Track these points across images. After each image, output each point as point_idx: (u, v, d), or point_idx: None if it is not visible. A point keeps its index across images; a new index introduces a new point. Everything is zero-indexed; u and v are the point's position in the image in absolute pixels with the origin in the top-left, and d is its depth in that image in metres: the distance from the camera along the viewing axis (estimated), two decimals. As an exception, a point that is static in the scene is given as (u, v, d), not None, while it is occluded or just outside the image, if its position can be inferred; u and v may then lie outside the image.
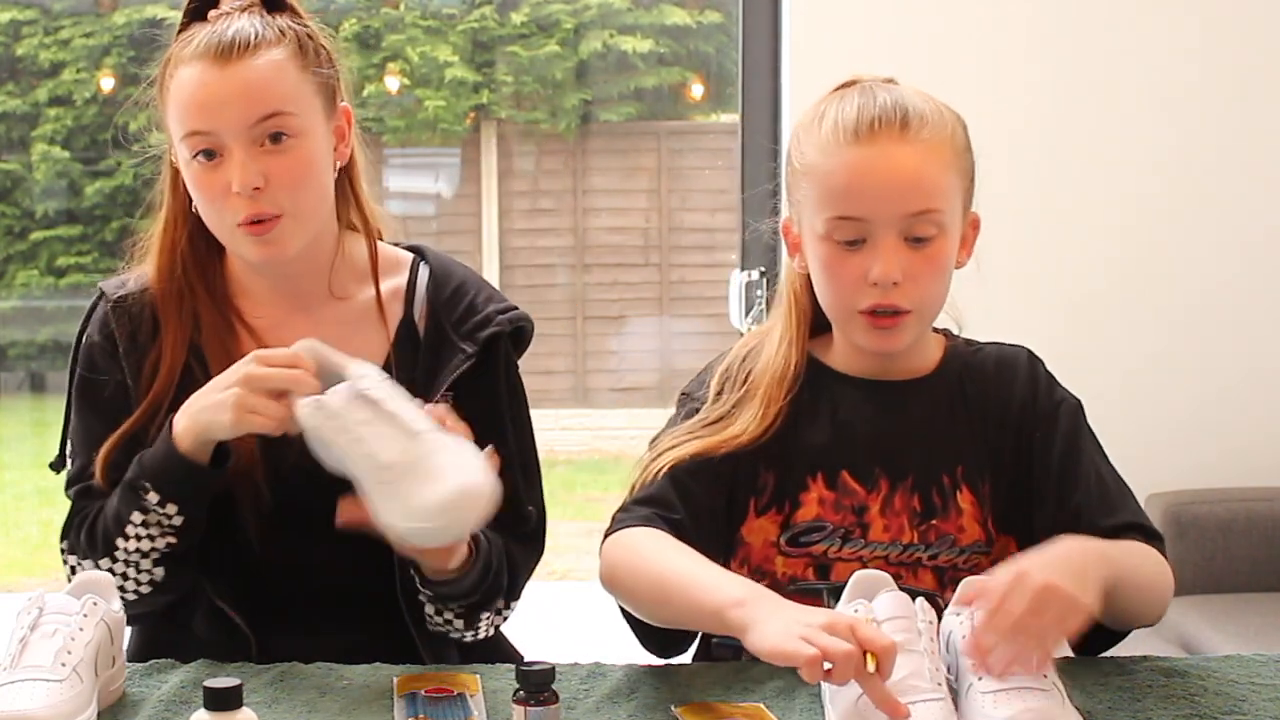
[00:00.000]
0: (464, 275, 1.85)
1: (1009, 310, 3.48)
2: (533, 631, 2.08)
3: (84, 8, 7.08)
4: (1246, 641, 2.96)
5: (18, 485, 7.18)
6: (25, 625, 1.46)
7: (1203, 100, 3.52)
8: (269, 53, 1.71)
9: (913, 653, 1.40)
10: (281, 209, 1.70)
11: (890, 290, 1.60)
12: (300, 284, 1.80)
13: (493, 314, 1.80)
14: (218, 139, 1.69)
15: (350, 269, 1.82)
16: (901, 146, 1.60)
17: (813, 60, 3.43)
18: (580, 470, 7.46)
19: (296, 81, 1.72)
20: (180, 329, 1.78)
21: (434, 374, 1.77)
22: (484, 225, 7.24)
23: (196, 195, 1.74)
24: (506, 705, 1.43)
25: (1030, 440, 1.68)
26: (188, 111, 1.70)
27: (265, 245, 1.71)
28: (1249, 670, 1.60)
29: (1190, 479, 3.50)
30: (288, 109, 1.70)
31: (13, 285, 7.17)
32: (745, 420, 1.68)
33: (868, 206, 1.60)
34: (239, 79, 1.69)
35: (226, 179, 1.69)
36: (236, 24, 1.71)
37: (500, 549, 1.74)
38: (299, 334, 1.76)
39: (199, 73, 1.70)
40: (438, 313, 1.80)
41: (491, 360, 1.80)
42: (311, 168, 1.73)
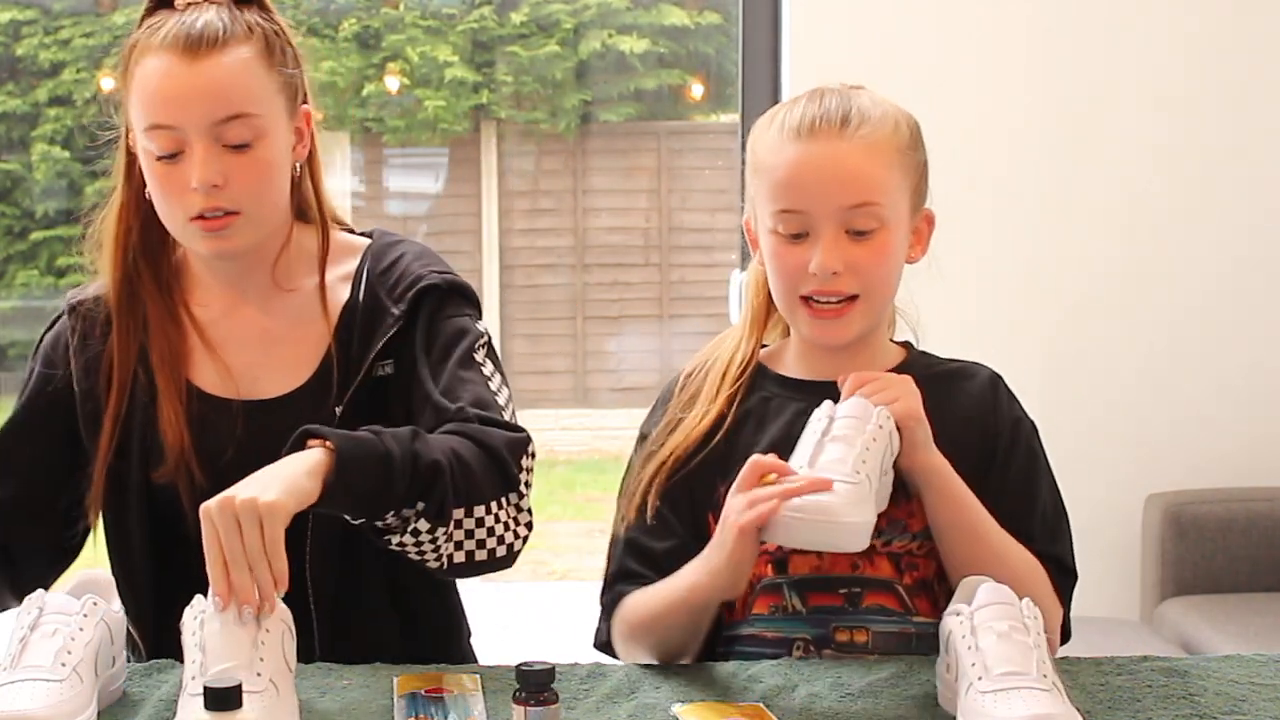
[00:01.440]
0: (405, 248, 1.82)
1: (1009, 311, 3.50)
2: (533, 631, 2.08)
3: (84, 8, 7.09)
4: (1246, 641, 2.96)
5: (18, 485, 7.16)
6: (25, 625, 1.46)
7: (1201, 100, 3.52)
8: (237, 50, 1.69)
9: (847, 443, 1.55)
10: (239, 207, 1.70)
11: (831, 280, 1.65)
12: (248, 276, 1.79)
13: (424, 273, 1.77)
14: (180, 134, 1.68)
15: (300, 259, 1.81)
16: (839, 143, 1.66)
17: (813, 60, 3.43)
18: (580, 470, 7.47)
19: (262, 81, 1.71)
20: (130, 323, 1.77)
21: (366, 341, 1.75)
22: (484, 225, 7.24)
23: (154, 186, 1.72)
24: (506, 705, 1.43)
25: (990, 450, 1.70)
26: (152, 104, 1.68)
27: (217, 240, 1.71)
28: (1249, 670, 1.60)
29: (1190, 479, 3.50)
30: (251, 110, 1.69)
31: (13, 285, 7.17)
32: (691, 420, 1.73)
33: (808, 200, 1.65)
34: (206, 76, 1.67)
35: (186, 174, 1.68)
36: (205, 16, 1.69)
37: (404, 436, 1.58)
38: (244, 325, 1.78)
39: (166, 65, 1.67)
40: (373, 285, 1.78)
41: (421, 315, 1.76)
42: (271, 169, 1.72)
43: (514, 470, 1.65)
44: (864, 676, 1.57)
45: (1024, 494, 1.70)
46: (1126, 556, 3.51)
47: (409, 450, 1.57)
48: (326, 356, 1.75)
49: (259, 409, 1.75)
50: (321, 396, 1.74)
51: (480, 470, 1.62)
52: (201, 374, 1.78)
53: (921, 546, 1.67)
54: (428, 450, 1.58)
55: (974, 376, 1.75)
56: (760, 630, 1.68)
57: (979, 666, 1.41)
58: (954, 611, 1.50)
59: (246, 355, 1.78)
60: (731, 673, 1.60)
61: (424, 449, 1.58)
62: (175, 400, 1.75)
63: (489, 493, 1.63)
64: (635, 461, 1.77)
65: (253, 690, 1.37)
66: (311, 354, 1.77)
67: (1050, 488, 1.73)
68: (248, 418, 1.74)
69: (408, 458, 1.56)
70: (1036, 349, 3.49)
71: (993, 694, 1.38)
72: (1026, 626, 1.44)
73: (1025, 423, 1.74)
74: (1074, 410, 3.44)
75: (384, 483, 1.55)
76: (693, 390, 1.77)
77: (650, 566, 1.70)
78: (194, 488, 1.71)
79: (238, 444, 1.72)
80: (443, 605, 1.89)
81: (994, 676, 1.39)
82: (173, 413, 1.74)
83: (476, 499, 1.62)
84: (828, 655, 1.65)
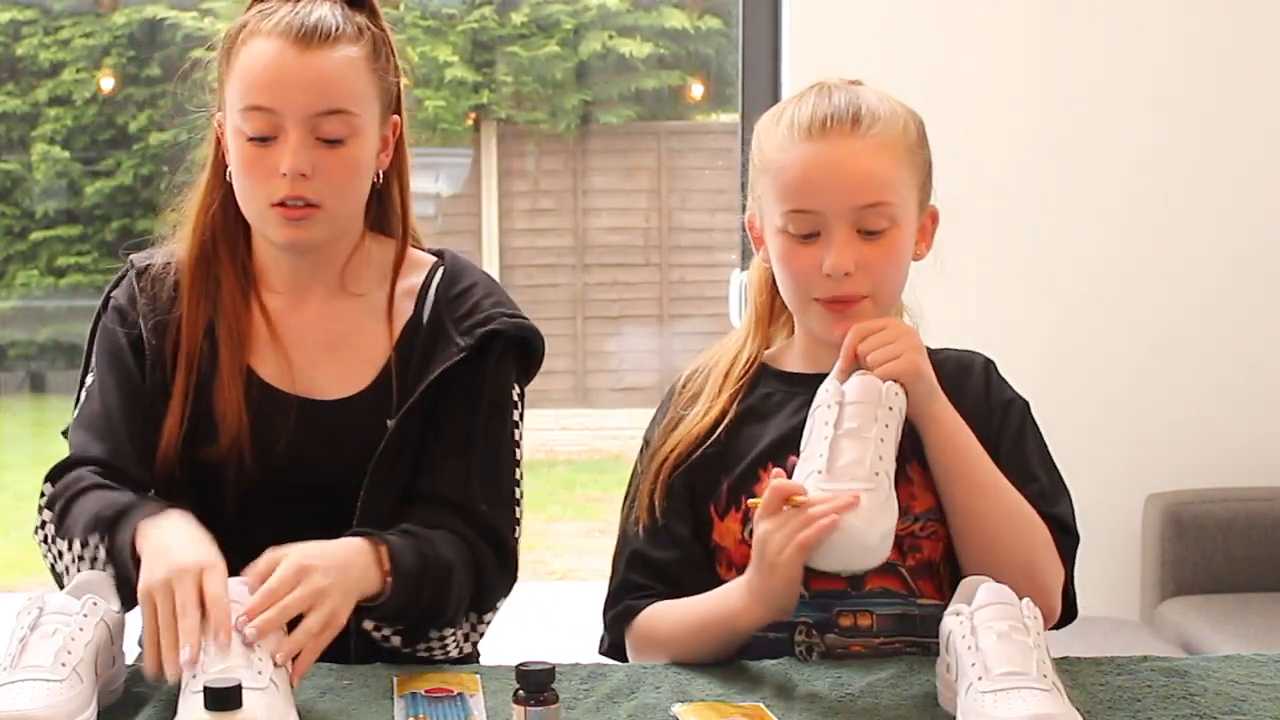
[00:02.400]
0: (478, 278, 1.85)
1: (1009, 310, 3.49)
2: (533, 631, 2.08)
3: (84, 8, 7.08)
4: (1246, 641, 2.96)
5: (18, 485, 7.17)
6: (25, 625, 1.46)
7: (1201, 100, 3.52)
8: (346, 48, 1.72)
9: (862, 439, 1.55)
10: (321, 200, 1.72)
11: (843, 281, 1.65)
12: (317, 274, 1.81)
13: (496, 314, 1.79)
14: (278, 119, 1.70)
15: (370, 267, 1.83)
16: (852, 142, 1.65)
17: (813, 60, 3.43)
18: (580, 470, 7.46)
19: (365, 82, 1.74)
20: (202, 297, 1.79)
21: (426, 364, 1.77)
22: (484, 225, 7.23)
23: (238, 167, 1.74)
24: (506, 705, 1.43)
25: (984, 432, 1.70)
26: (256, 85, 1.70)
27: (294, 229, 1.73)
28: (1249, 670, 1.60)
29: (1190, 479, 3.50)
30: (350, 107, 1.72)
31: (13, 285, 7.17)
32: (694, 416, 1.74)
33: (820, 200, 1.65)
34: (314, 67, 1.70)
35: (275, 159, 1.70)
36: (320, 10, 1.72)
37: (443, 568, 1.69)
38: (308, 321, 1.79)
39: (276, 49, 1.70)
40: (440, 307, 1.80)
41: (483, 360, 1.78)
42: (358, 168, 1.75)
43: (489, 606, 1.77)
44: (864, 676, 1.57)
45: (1018, 466, 1.70)
46: (1126, 556, 3.51)
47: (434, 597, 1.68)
48: (386, 368, 1.77)
49: (313, 408, 1.77)
50: (377, 407, 1.76)
51: (468, 605, 1.74)
52: (263, 362, 1.79)
53: (925, 528, 1.67)
54: (445, 599, 1.69)
55: (969, 368, 1.76)
56: None
57: (979, 666, 1.41)
58: (954, 611, 1.50)
59: (307, 352, 1.80)
60: (732, 673, 1.60)
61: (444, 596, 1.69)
62: (237, 381, 1.76)
63: (462, 620, 1.75)
64: (639, 465, 1.78)
65: (254, 687, 1.37)
66: (371, 362, 1.79)
67: (1044, 458, 1.73)
68: (301, 414, 1.76)
69: (429, 602, 1.68)
70: (1036, 349, 3.49)
71: (993, 694, 1.38)
72: (1026, 626, 1.44)
73: (1016, 402, 1.75)
74: (1074, 410, 3.44)
75: (399, 615, 1.67)
76: (694, 390, 1.77)
77: (656, 579, 1.71)
78: (242, 471, 1.74)
79: (289, 437, 1.74)
80: None
81: (994, 676, 1.39)
82: (234, 393, 1.75)
83: (451, 626, 1.74)
84: (830, 639, 1.65)
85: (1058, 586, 1.66)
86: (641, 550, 1.73)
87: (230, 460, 1.74)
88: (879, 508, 1.53)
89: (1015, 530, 1.62)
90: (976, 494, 1.64)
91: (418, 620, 1.69)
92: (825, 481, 1.54)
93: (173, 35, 6.89)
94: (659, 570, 1.71)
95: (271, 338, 1.79)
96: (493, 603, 1.77)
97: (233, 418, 1.74)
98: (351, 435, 1.75)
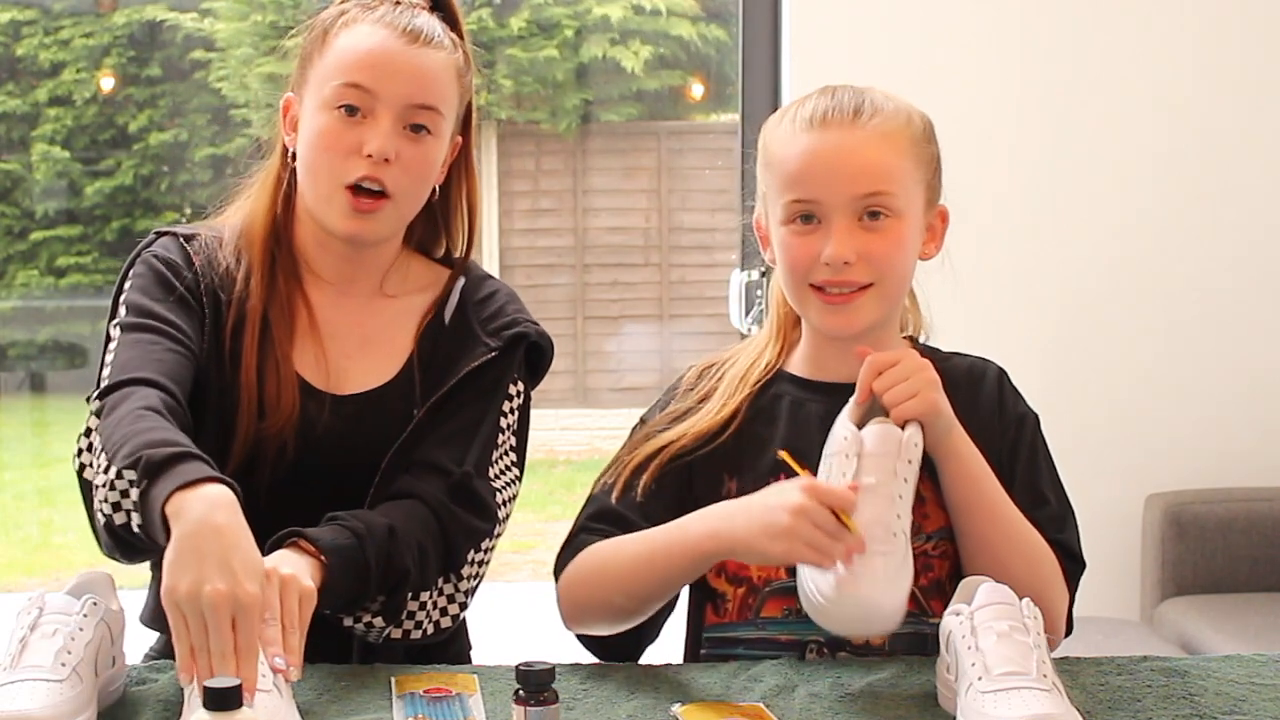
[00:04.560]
0: (500, 287, 1.89)
1: (1009, 310, 3.50)
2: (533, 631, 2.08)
3: (84, 8, 7.09)
4: (1246, 641, 2.96)
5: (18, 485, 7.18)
6: (25, 625, 1.46)
7: (1202, 100, 3.52)
8: (445, 54, 1.78)
9: (881, 496, 1.51)
10: (396, 190, 1.75)
11: (843, 269, 1.64)
12: (360, 272, 1.83)
13: (520, 319, 1.84)
14: (371, 101, 1.73)
15: (406, 277, 1.86)
16: (853, 132, 1.66)
17: (813, 60, 3.43)
18: (580, 470, 7.46)
19: (453, 89, 1.79)
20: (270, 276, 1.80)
21: (454, 361, 1.80)
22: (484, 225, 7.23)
23: (315, 143, 1.75)
24: (506, 705, 1.43)
25: (997, 447, 1.70)
26: (357, 63, 1.73)
27: (360, 220, 1.75)
28: (1249, 670, 1.60)
29: (1190, 479, 3.50)
30: (441, 108, 1.77)
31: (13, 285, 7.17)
32: (705, 411, 1.73)
33: (820, 189, 1.65)
34: (416, 60, 1.75)
35: (360, 138, 1.73)
36: (424, 18, 1.79)
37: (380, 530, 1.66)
38: (346, 317, 1.82)
39: (383, 36, 1.75)
40: (467, 309, 1.84)
41: (505, 361, 1.82)
42: (433, 167, 1.79)
43: (462, 559, 1.73)
44: (864, 676, 1.57)
45: (1029, 488, 1.70)
46: (1126, 556, 3.51)
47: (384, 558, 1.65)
48: (408, 364, 1.80)
49: (344, 401, 1.79)
50: (400, 397, 1.80)
51: (435, 561, 1.71)
52: (301, 353, 1.80)
53: (936, 547, 1.66)
54: (400, 558, 1.67)
55: (982, 377, 1.75)
56: (773, 634, 1.67)
57: (979, 666, 1.41)
58: (954, 611, 1.50)
59: (341, 346, 1.82)
60: (731, 673, 1.60)
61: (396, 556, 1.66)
62: (291, 369, 1.78)
63: (434, 580, 1.72)
64: (629, 442, 1.77)
65: (260, 689, 1.38)
66: (395, 356, 1.82)
67: (1054, 480, 1.73)
68: (334, 407, 1.78)
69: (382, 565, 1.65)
70: (1037, 349, 3.49)
71: (992, 694, 1.38)
72: (1026, 626, 1.44)
73: (1029, 417, 1.74)
74: (1074, 410, 3.44)
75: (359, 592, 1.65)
76: (707, 388, 1.76)
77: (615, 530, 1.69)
78: (283, 456, 1.75)
79: (324, 427, 1.76)
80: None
81: (994, 676, 1.39)
82: (289, 379, 1.77)
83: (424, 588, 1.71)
84: (842, 658, 1.65)
85: (1063, 612, 1.66)
86: (614, 509, 1.71)
87: (271, 444, 1.75)
88: (895, 570, 1.51)
89: (1025, 562, 1.62)
90: (989, 525, 1.63)
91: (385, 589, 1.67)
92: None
93: (173, 35, 6.90)
94: (621, 523, 1.69)
95: (311, 329, 1.81)
96: (465, 556, 1.73)
97: (286, 402, 1.76)
98: (376, 424, 1.78)
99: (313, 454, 1.76)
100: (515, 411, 1.83)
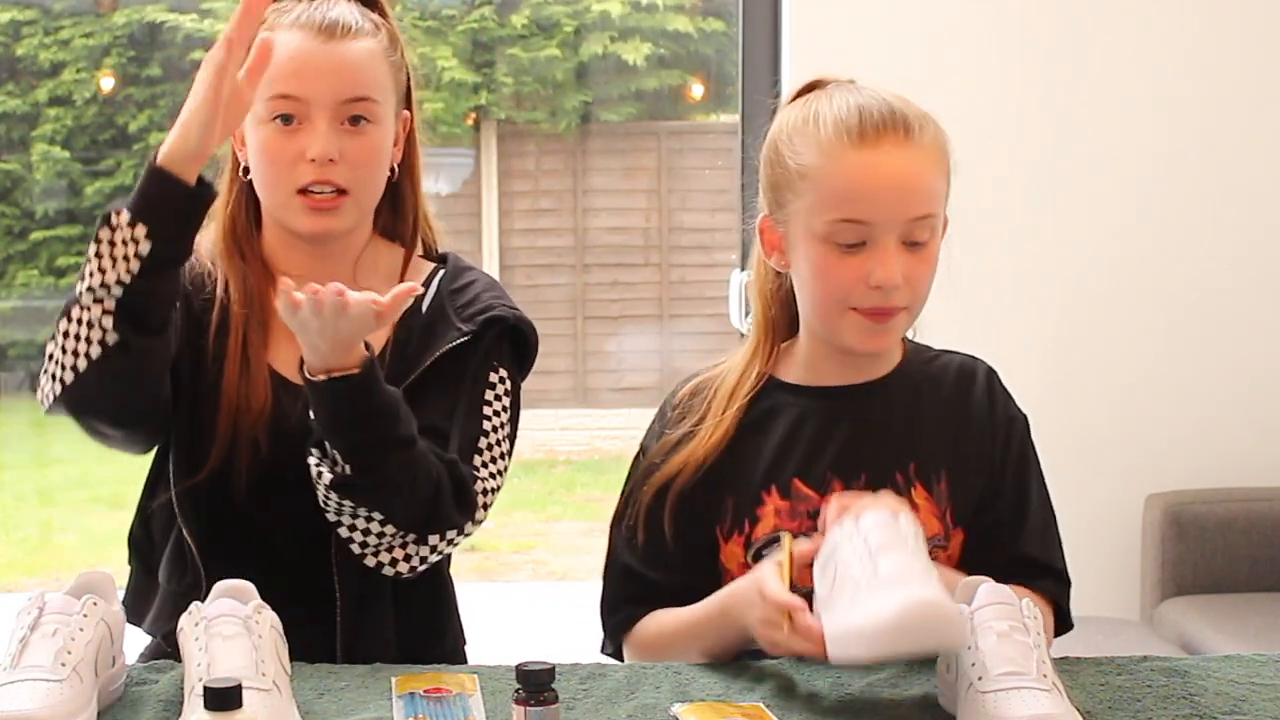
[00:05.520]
0: (479, 276, 1.88)
1: (1009, 310, 3.49)
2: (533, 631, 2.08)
3: (84, 8, 7.09)
4: (1246, 641, 2.96)
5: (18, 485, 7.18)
6: (25, 625, 1.46)
7: (1202, 100, 3.52)
8: (367, 41, 1.77)
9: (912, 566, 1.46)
10: (350, 186, 1.75)
11: (890, 292, 1.61)
12: (330, 268, 1.82)
13: (495, 304, 1.83)
14: (304, 107, 1.73)
15: (376, 269, 1.85)
16: (905, 151, 1.60)
17: (813, 60, 3.43)
18: (580, 470, 7.47)
19: (384, 73, 1.78)
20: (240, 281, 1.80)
21: (427, 345, 1.79)
22: (484, 225, 7.24)
23: (261, 158, 1.76)
24: (506, 705, 1.43)
25: (988, 450, 1.69)
26: (281, 73, 1.72)
27: (320, 217, 1.76)
28: (1249, 670, 1.60)
29: (1190, 479, 3.50)
30: (374, 95, 1.76)
31: (13, 285, 7.18)
32: (700, 438, 1.70)
33: (872, 210, 1.60)
34: (339, 55, 1.74)
35: (301, 145, 1.73)
36: (338, 8, 1.77)
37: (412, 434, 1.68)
38: None
39: (300, 40, 1.74)
40: (443, 297, 1.84)
41: (477, 344, 1.80)
42: (381, 155, 1.79)
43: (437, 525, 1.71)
44: (864, 676, 1.57)
45: (1018, 496, 1.70)
46: (1126, 556, 3.51)
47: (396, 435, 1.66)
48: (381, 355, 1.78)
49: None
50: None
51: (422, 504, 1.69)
52: (277, 354, 1.81)
53: (931, 554, 1.66)
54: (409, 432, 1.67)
55: (972, 376, 1.74)
56: None
57: (979, 666, 1.41)
58: (954, 611, 1.50)
59: None
60: (731, 673, 1.60)
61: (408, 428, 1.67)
62: (265, 367, 1.79)
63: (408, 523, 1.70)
64: (635, 476, 1.74)
65: (260, 689, 1.38)
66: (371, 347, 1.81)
67: (1040, 488, 1.73)
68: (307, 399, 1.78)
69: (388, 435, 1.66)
70: (1037, 349, 3.49)
71: (992, 694, 1.38)
72: (1026, 626, 1.44)
73: (1019, 421, 1.73)
74: (1074, 410, 3.44)
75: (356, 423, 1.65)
76: (699, 412, 1.73)
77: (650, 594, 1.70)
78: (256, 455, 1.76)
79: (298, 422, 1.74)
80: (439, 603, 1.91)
81: (993, 676, 1.39)
82: (263, 378, 1.78)
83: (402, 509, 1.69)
84: None
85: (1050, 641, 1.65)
86: (636, 568, 1.72)
87: (245, 442, 1.76)
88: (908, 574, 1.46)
89: None
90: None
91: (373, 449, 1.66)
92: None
93: (173, 36, 6.90)
94: (653, 588, 1.71)
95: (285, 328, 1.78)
96: (440, 528, 1.72)
97: (258, 400, 1.76)
98: None
99: (287, 448, 1.74)
100: (503, 399, 1.81)
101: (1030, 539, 1.68)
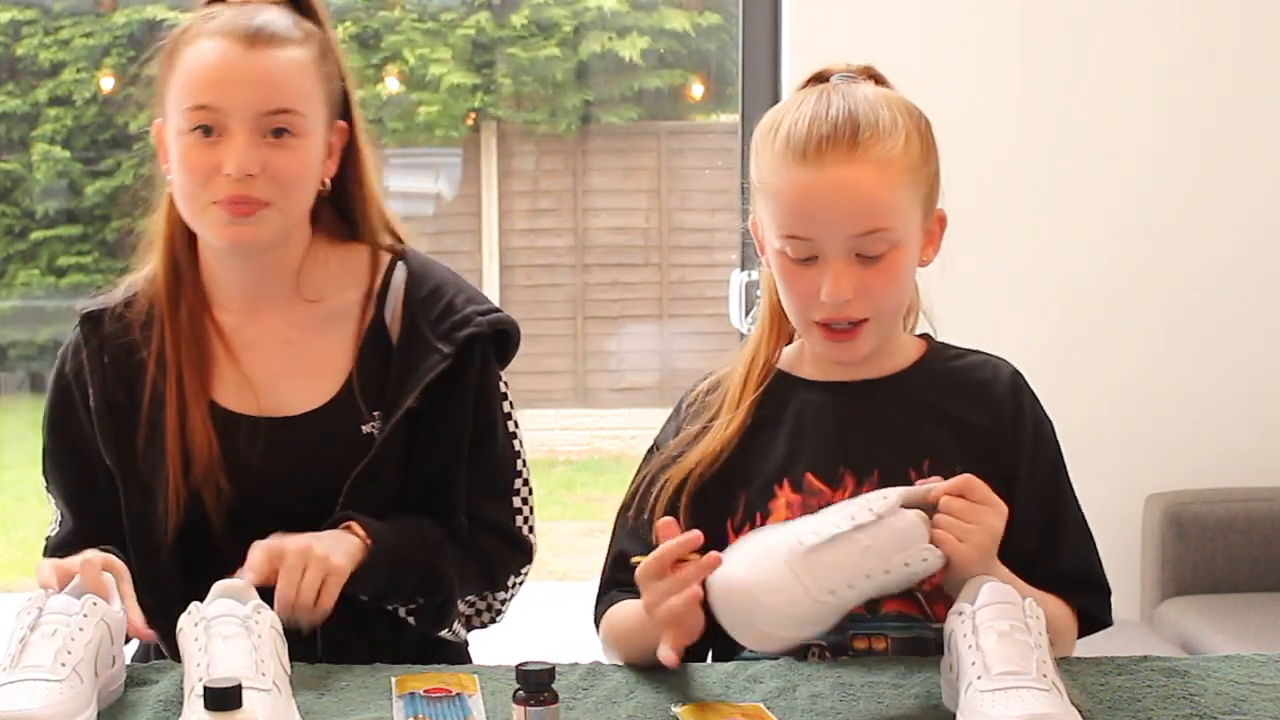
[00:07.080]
0: (442, 275, 1.82)
1: (1009, 310, 3.49)
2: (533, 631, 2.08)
3: (84, 8, 7.08)
4: (1246, 641, 2.96)
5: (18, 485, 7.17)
6: (25, 625, 1.46)
7: (1203, 100, 3.52)
8: (293, 50, 1.70)
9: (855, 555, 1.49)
10: (271, 199, 1.69)
11: (842, 306, 1.61)
12: (269, 283, 1.78)
13: (472, 314, 1.78)
14: (223, 117, 1.67)
15: (325, 273, 1.80)
16: (848, 168, 1.59)
17: (813, 60, 3.41)
18: (580, 470, 7.46)
19: (312, 84, 1.72)
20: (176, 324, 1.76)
21: (408, 374, 1.75)
22: (484, 225, 7.23)
23: (179, 169, 1.71)
24: (506, 705, 1.43)
25: (1011, 456, 1.68)
26: (200, 84, 1.68)
27: (238, 227, 1.70)
28: (1249, 670, 1.60)
29: (1190, 479, 3.50)
30: (299, 108, 1.70)
31: (13, 285, 7.17)
32: (714, 432, 1.70)
33: (815, 228, 1.60)
34: (260, 65, 1.68)
35: (219, 158, 1.67)
36: (267, 14, 1.71)
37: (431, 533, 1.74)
38: (266, 333, 1.77)
39: (221, 48, 1.68)
40: (413, 312, 1.78)
41: (467, 363, 1.77)
42: (305, 168, 1.72)
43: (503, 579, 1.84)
44: (865, 676, 1.57)
45: (1054, 502, 1.69)
46: (1126, 556, 3.51)
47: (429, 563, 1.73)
48: (348, 381, 1.75)
49: (280, 426, 1.75)
50: (346, 415, 1.75)
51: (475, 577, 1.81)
52: (222, 386, 1.76)
53: None
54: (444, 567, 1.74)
55: (996, 376, 1.73)
56: None
57: (979, 665, 1.41)
58: (957, 610, 1.50)
59: (268, 366, 1.77)
60: (731, 673, 1.59)
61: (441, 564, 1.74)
62: (204, 407, 1.74)
63: (473, 590, 1.82)
64: (648, 469, 1.73)
65: (260, 689, 1.37)
66: (335, 370, 1.77)
67: (1072, 493, 1.72)
68: (269, 434, 1.74)
69: (425, 569, 1.73)
70: (1036, 348, 3.47)
71: (992, 693, 1.38)
72: (1028, 626, 1.44)
73: (1046, 424, 1.73)
74: (1074, 410, 3.42)
75: (396, 586, 1.72)
76: (715, 408, 1.73)
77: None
78: (220, 496, 1.73)
79: (260, 457, 1.73)
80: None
81: (994, 676, 1.39)
82: (200, 419, 1.73)
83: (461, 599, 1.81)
84: (844, 660, 1.64)
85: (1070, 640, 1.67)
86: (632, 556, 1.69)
87: (209, 487, 1.73)
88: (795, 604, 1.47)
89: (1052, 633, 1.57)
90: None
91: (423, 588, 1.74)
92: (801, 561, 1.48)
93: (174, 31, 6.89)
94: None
95: (229, 358, 1.77)
96: (505, 579, 1.83)
97: (202, 443, 1.72)
98: (323, 447, 1.74)
99: (253, 486, 1.72)
100: (511, 416, 1.83)
101: (1073, 546, 1.68)
